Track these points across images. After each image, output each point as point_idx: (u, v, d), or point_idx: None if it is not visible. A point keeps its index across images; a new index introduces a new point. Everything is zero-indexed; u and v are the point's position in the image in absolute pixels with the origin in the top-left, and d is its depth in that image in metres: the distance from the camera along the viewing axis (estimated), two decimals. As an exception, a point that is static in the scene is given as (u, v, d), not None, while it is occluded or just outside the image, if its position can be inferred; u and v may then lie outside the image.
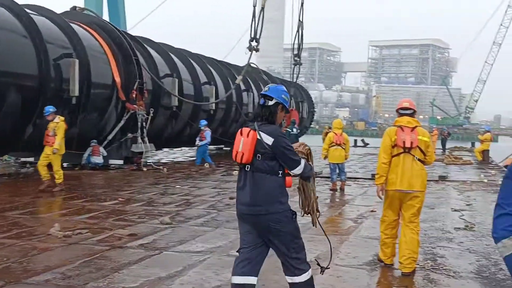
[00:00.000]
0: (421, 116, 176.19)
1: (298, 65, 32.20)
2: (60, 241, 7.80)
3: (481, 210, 11.86)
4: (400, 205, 6.79)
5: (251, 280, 4.72)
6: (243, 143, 4.70)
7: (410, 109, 6.99)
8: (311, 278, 4.78)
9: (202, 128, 21.32)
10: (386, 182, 6.76)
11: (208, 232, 8.78)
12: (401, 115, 6.98)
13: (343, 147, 14.68)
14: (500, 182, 11.70)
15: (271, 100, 4.79)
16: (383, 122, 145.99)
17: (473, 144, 42.88)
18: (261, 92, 4.91)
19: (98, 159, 18.20)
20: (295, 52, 31.88)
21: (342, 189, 14.74)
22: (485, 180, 17.51)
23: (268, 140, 4.65)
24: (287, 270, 4.75)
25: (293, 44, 31.86)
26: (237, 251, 4.91)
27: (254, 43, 23.85)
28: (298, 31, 31.40)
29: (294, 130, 21.71)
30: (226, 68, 31.00)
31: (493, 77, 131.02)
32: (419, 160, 6.72)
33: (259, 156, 4.68)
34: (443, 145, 38.72)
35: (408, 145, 6.69)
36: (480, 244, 8.42)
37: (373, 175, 17.77)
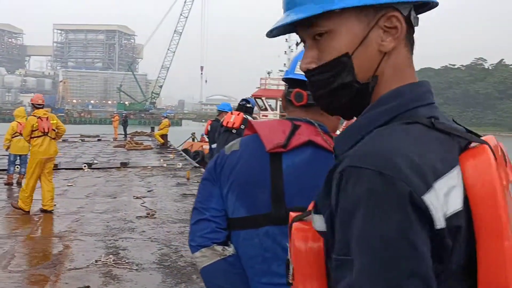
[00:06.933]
0: (109, 102, 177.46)
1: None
2: None
3: (162, 196, 12.00)
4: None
5: None
6: None
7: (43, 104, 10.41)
8: None
9: None
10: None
11: None
12: (37, 108, 10.21)
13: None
14: (178, 166, 12.07)
15: None
16: (71, 108, 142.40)
17: (152, 129, 43.61)
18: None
19: None
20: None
21: (19, 183, 13.53)
22: (165, 165, 17.85)
23: None
24: None
25: None
26: None
27: None
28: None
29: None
30: None
31: (177, 64, 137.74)
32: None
33: None
34: (125, 130, 38.61)
35: (46, 130, 9.84)
36: (161, 231, 8.44)
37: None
